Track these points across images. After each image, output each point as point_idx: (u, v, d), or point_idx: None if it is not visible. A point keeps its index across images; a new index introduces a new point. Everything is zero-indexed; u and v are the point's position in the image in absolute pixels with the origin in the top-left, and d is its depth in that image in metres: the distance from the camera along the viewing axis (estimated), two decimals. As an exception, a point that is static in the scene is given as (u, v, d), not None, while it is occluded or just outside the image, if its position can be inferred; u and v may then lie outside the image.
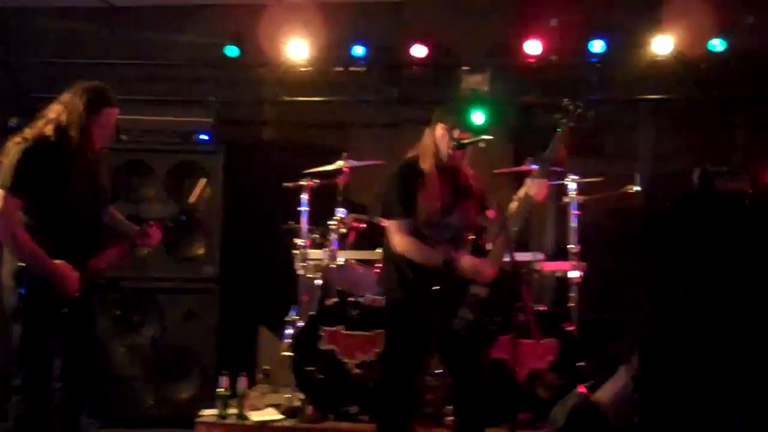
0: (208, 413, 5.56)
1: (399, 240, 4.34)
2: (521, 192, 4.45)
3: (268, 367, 6.44)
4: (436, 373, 5.40)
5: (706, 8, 6.61)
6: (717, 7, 6.62)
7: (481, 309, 4.25)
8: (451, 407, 5.25)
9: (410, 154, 4.54)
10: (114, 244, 4.36)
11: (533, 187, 4.40)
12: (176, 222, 4.61)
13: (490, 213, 4.54)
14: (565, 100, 4.58)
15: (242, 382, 5.60)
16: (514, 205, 4.46)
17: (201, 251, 6.40)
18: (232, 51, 7.08)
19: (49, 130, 4.11)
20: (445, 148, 4.42)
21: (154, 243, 4.51)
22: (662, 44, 6.81)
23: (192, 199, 4.66)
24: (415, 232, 4.31)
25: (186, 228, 5.97)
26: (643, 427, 2.19)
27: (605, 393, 4.67)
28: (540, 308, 5.59)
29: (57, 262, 4.03)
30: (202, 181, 4.76)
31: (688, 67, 6.83)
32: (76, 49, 7.18)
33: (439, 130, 4.45)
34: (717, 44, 6.75)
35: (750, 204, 4.12)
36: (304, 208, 6.10)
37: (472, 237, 4.44)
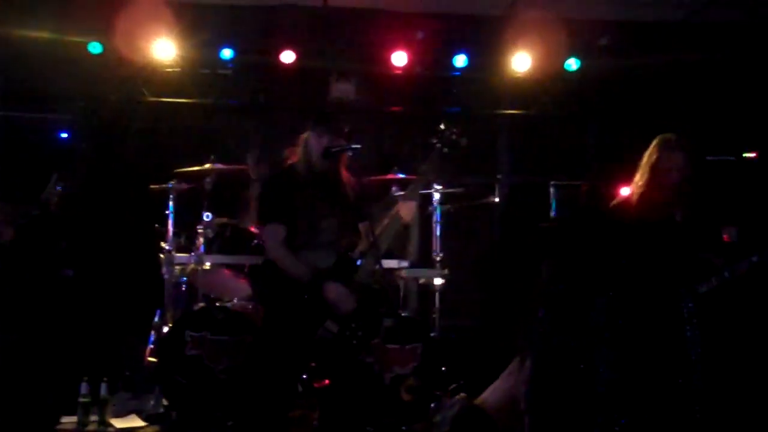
0: (68, 421, 5.40)
1: (270, 247, 4.41)
2: (393, 211, 4.59)
3: (129, 373, 6.31)
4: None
5: (562, 29, 6.97)
6: (572, 28, 7.00)
7: (347, 321, 4.38)
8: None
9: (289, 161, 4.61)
10: None
11: (404, 209, 4.55)
12: (27, 217, 4.47)
13: (362, 227, 4.66)
14: (441, 126, 4.74)
15: (104, 389, 5.47)
16: (384, 223, 4.60)
17: (60, 252, 6.20)
18: (95, 48, 6.89)
19: None
20: (316, 156, 4.50)
21: (5, 239, 4.38)
22: (521, 62, 7.14)
23: (44, 194, 4.56)
24: (293, 238, 4.37)
25: (45, 227, 5.78)
26: (532, 429, 2.31)
27: (491, 395, 4.86)
28: (404, 314, 5.73)
29: None
30: (54, 176, 4.65)
31: (545, 84, 7.19)
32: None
33: (311, 138, 4.53)
34: (572, 63, 7.14)
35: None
36: (170, 211, 6.02)
37: (346, 242, 4.55)
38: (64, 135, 6.45)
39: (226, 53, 7.06)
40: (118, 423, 5.42)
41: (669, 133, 4.61)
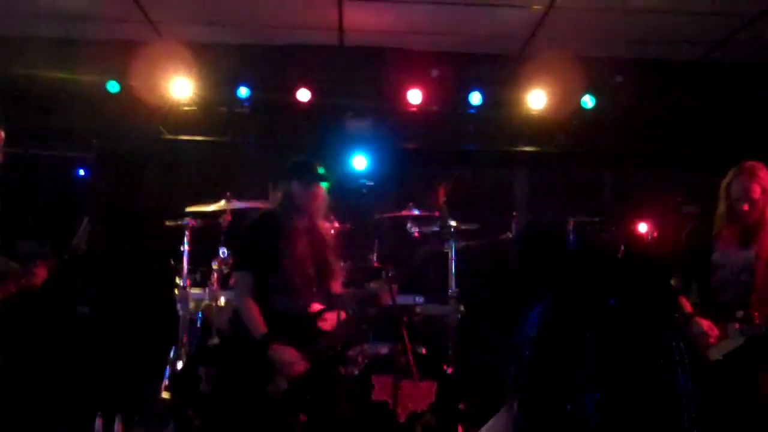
0: (82, 456, 5.38)
1: (238, 293, 4.43)
2: (371, 286, 4.59)
3: (144, 409, 6.27)
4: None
5: (578, 68, 7.00)
6: (588, 66, 7.02)
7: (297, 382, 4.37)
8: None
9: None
10: None
11: (381, 290, 4.62)
12: (61, 261, 4.50)
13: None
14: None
15: (118, 425, 5.44)
16: (359, 292, 4.60)
17: (77, 289, 6.22)
18: (113, 87, 6.97)
19: None
20: (299, 203, 4.51)
21: (38, 282, 4.40)
22: (536, 99, 7.16)
23: (75, 240, 4.58)
24: (277, 283, 4.35)
25: (61, 264, 5.80)
26: None
27: None
28: (420, 350, 5.68)
29: None
30: (85, 221, 4.67)
31: (560, 122, 7.20)
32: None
33: (294, 186, 4.53)
34: (587, 101, 7.15)
35: (621, 256, 4.40)
36: (185, 248, 6.03)
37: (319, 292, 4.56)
38: (82, 172, 6.49)
39: (243, 92, 7.12)
40: (131, 460, 5.39)
41: (751, 160, 4.56)
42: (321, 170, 4.61)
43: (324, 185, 4.57)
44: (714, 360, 4.48)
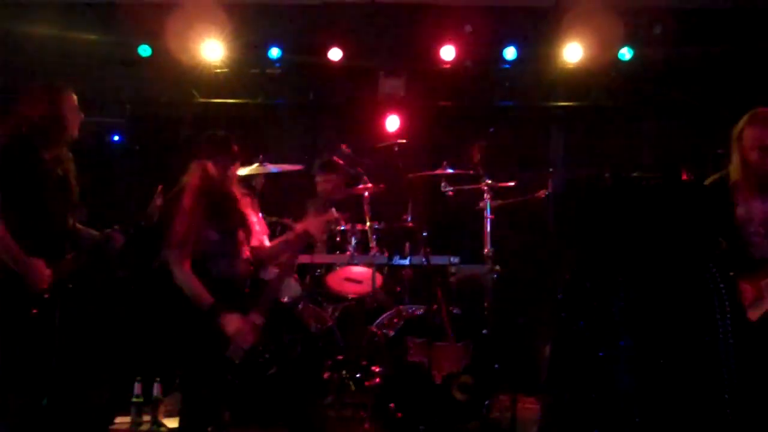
0: (122, 421, 5.45)
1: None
2: (299, 227, 4.54)
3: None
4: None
5: (615, 19, 6.82)
6: (625, 17, 6.84)
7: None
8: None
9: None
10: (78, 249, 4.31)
11: (312, 225, 4.53)
12: (136, 228, 4.54)
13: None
14: None
15: (157, 389, 5.51)
16: (291, 237, 4.58)
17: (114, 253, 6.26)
18: (145, 51, 6.96)
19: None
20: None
21: (117, 249, 4.46)
22: (572, 53, 7.00)
23: (151, 205, 4.61)
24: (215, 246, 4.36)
25: (99, 229, 5.85)
26: (551, 417, 2.21)
27: None
28: (455, 311, 5.65)
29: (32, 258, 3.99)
30: (159, 187, 4.70)
31: (597, 75, 7.04)
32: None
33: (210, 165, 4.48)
34: (625, 53, 6.98)
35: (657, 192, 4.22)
36: (219, 211, 6.02)
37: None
38: (117, 138, 6.51)
39: (274, 53, 7.06)
40: (170, 423, 5.44)
41: (762, 107, 4.39)
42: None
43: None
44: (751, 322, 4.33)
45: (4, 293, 4.03)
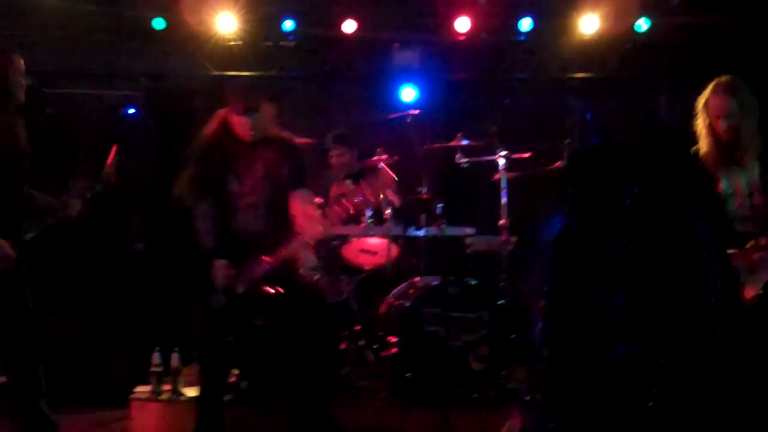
0: (142, 390, 5.50)
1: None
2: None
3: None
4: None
5: (632, -12, 6.77)
6: (642, -13, 6.78)
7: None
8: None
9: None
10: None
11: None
12: (92, 191, 4.52)
13: None
14: None
15: (175, 359, 5.54)
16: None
17: (131, 226, 6.30)
18: (158, 24, 6.94)
19: None
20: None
21: (73, 213, 4.44)
22: (589, 23, 6.95)
23: (106, 168, 4.61)
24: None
25: (116, 202, 5.88)
26: (551, 362, 2.21)
27: None
28: (471, 282, 5.66)
29: None
30: (114, 148, 4.70)
31: (614, 46, 6.99)
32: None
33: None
34: (642, 24, 6.92)
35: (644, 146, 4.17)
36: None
37: None
38: (131, 111, 6.52)
39: (288, 25, 7.03)
40: (190, 392, 5.48)
41: (726, 76, 4.34)
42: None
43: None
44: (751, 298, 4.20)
45: None
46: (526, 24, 7.05)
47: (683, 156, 3.74)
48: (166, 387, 5.43)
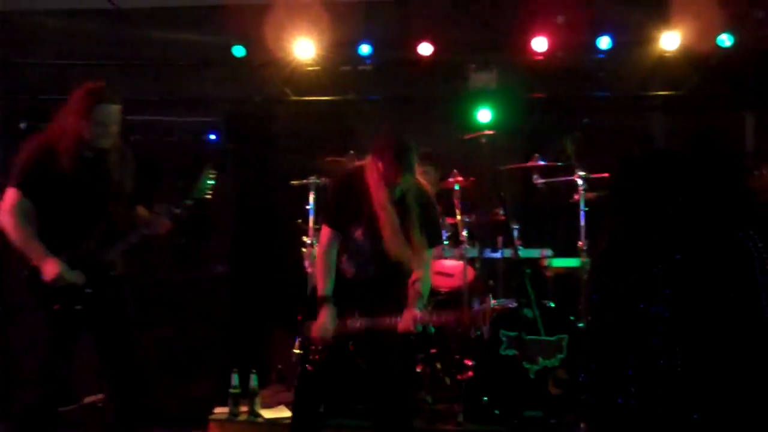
0: (221, 411, 5.58)
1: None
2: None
3: (281, 366, 6.44)
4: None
5: (714, 3, 6.59)
6: (725, 2, 6.60)
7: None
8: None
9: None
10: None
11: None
12: (182, 208, 4.59)
13: None
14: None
15: (253, 380, 5.61)
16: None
17: (212, 249, 6.43)
18: (239, 51, 7.09)
19: (51, 132, 4.33)
20: None
21: (161, 231, 4.54)
22: (670, 40, 6.81)
23: (197, 183, 4.69)
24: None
25: (197, 226, 6.01)
26: (592, 373, 2.13)
27: None
28: (548, 304, 5.58)
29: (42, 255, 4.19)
30: (207, 165, 4.78)
31: (696, 63, 6.82)
32: (83, 51, 7.19)
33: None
34: (725, 39, 6.74)
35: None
36: (311, 206, 6.12)
37: None
38: (212, 137, 6.67)
39: (365, 49, 7.09)
40: (267, 414, 5.54)
41: None
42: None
43: None
44: None
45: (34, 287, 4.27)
46: (605, 42, 6.95)
47: (736, 168, 3.62)
48: (244, 408, 5.49)
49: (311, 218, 6.09)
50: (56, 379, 4.32)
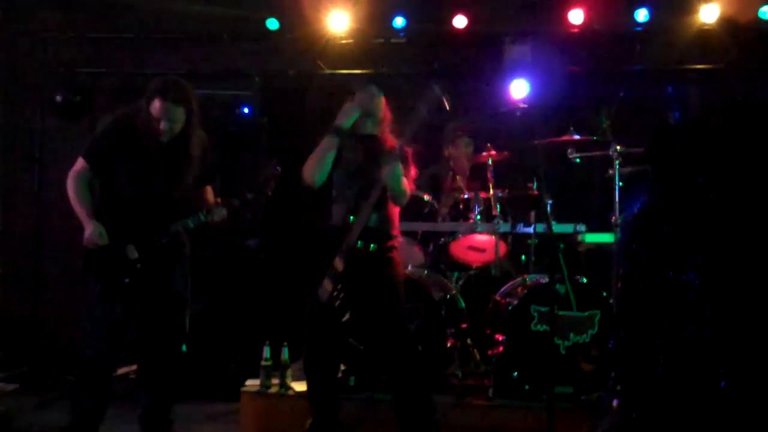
0: (252, 383, 5.61)
1: None
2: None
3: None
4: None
5: (755, -26, 6.47)
6: (766, -28, 6.47)
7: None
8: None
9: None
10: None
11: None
12: (243, 201, 4.72)
13: None
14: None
15: (284, 353, 5.63)
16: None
17: (244, 223, 6.45)
18: (272, 24, 7.08)
19: (133, 110, 4.49)
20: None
21: (217, 220, 4.68)
22: (709, 12, 6.69)
23: (261, 179, 4.81)
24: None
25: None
26: (621, 341, 2.10)
27: None
28: (581, 280, 5.52)
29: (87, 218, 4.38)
30: (272, 162, 4.86)
31: (736, 36, 6.69)
32: (117, 24, 7.23)
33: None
34: (766, 11, 6.60)
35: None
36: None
37: None
38: (245, 110, 6.68)
39: (398, 22, 7.05)
40: (297, 386, 5.56)
41: None
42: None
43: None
44: None
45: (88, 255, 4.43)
46: (642, 14, 6.85)
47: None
48: (275, 381, 5.52)
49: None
50: (101, 348, 4.45)
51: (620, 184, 5.84)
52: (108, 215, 4.46)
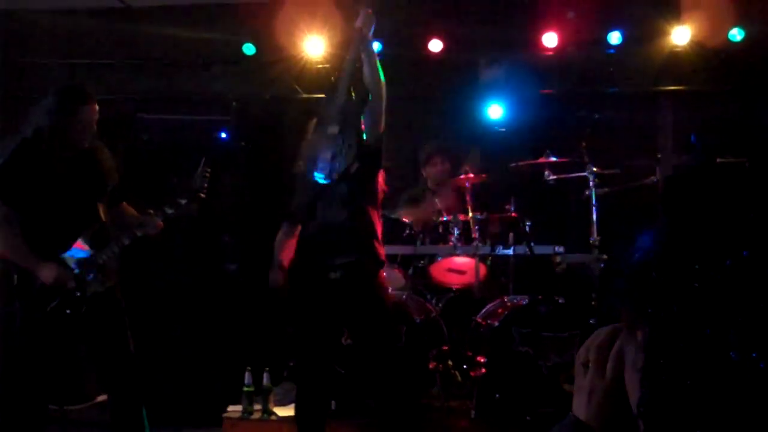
0: (234, 409, 5.58)
1: None
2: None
3: (293, 364, 6.44)
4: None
5: (725, -3, 6.58)
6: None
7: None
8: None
9: None
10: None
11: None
12: (174, 207, 4.47)
13: None
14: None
15: (266, 378, 5.62)
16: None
17: (223, 247, 6.43)
18: (249, 49, 7.10)
19: (32, 133, 4.18)
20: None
21: (153, 232, 4.44)
22: (680, 35, 6.79)
23: (190, 182, 4.59)
24: None
25: (209, 225, 6.02)
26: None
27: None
28: (560, 301, 5.57)
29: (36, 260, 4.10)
30: (201, 162, 4.66)
31: (707, 58, 6.80)
32: (92, 49, 7.20)
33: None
34: (736, 34, 6.72)
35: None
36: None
37: None
38: (223, 135, 6.68)
39: (374, 46, 7.06)
40: (280, 411, 5.54)
41: None
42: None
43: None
44: None
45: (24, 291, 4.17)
46: (615, 37, 6.94)
47: None
48: (257, 406, 5.50)
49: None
50: (38, 393, 4.25)
51: (596, 204, 5.91)
52: (34, 247, 4.12)
